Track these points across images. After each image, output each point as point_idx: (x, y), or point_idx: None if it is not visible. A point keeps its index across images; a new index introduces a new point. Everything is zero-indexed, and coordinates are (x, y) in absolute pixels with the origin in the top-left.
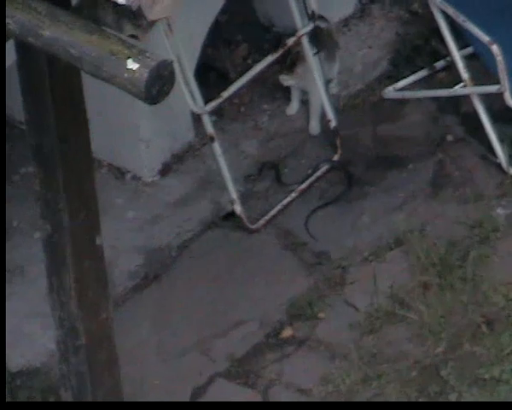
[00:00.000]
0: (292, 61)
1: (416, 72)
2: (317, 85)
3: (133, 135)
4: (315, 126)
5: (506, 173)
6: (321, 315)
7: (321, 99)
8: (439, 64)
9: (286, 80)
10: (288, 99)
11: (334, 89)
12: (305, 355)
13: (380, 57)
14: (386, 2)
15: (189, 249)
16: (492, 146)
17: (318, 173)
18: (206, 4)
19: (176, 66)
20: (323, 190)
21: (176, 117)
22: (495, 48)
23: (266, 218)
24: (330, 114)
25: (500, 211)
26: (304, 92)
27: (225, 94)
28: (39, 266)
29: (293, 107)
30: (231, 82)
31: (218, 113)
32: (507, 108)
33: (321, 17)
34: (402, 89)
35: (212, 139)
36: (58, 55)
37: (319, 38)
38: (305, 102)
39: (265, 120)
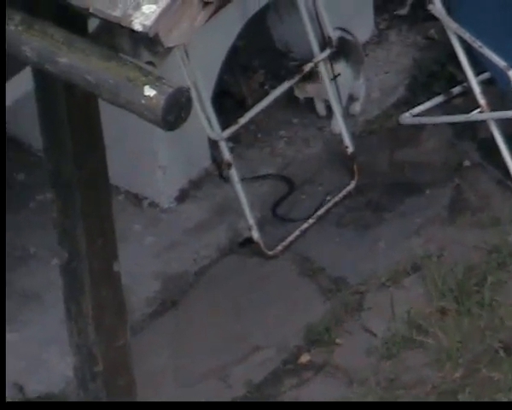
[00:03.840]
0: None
1: (432, 97)
2: (335, 112)
3: (150, 161)
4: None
5: None
6: (338, 341)
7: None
8: (456, 90)
9: (300, 93)
10: (304, 125)
11: (357, 108)
12: (323, 381)
13: (396, 83)
14: (402, 28)
15: (206, 276)
16: (509, 171)
17: (335, 199)
18: (222, 31)
19: (193, 92)
20: (340, 216)
21: (193, 143)
22: (511, 73)
23: (284, 244)
24: (347, 140)
25: None
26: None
27: (242, 120)
28: (57, 293)
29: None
30: (248, 108)
31: (234, 139)
32: None
33: (345, 31)
34: (419, 114)
35: (229, 166)
36: (75, 82)
37: (344, 49)
38: (320, 129)
39: (282, 146)
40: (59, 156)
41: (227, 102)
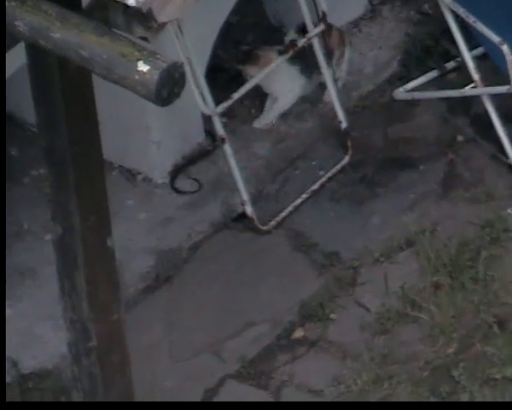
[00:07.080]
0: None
1: (426, 72)
2: (329, 86)
3: (144, 137)
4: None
5: None
6: (332, 316)
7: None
8: (450, 65)
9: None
10: (298, 100)
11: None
12: (317, 356)
13: (390, 58)
14: (396, 4)
15: (200, 251)
16: (503, 146)
17: (329, 174)
18: (216, 6)
19: (186, 67)
20: (334, 191)
21: (186, 119)
22: (505, 48)
23: (277, 219)
24: (341, 116)
25: (511, 211)
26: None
27: (236, 95)
28: (51, 268)
29: (264, 118)
30: (242, 83)
31: (228, 114)
32: None
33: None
34: (412, 90)
35: (222, 141)
36: (69, 57)
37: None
38: (313, 104)
39: (276, 121)
40: (52, 132)
41: (221, 78)
